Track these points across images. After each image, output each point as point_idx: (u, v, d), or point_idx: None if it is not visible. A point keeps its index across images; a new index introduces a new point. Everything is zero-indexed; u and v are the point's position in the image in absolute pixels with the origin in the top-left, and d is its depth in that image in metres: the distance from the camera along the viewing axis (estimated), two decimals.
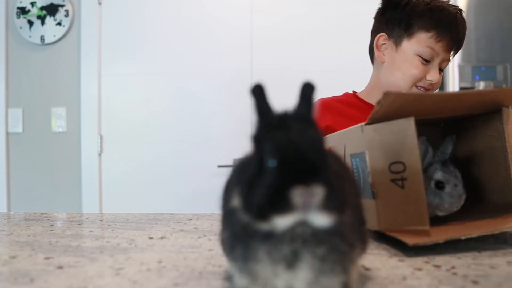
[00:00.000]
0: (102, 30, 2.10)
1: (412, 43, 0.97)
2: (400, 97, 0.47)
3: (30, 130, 2.11)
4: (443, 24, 0.94)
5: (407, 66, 0.97)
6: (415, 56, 0.97)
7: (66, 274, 0.45)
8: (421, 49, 0.96)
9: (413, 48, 0.97)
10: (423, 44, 0.96)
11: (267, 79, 1.79)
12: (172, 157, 2.06)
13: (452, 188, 0.57)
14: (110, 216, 0.80)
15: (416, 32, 0.96)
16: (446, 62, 1.00)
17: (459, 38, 0.98)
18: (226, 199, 0.35)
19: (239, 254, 0.32)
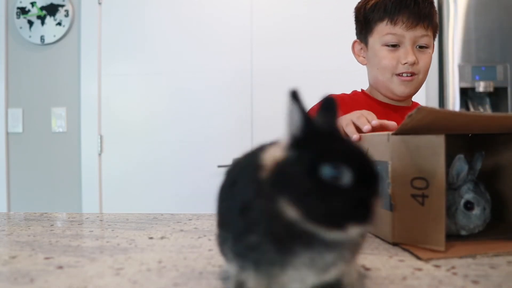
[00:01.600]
0: (102, 30, 2.10)
1: (374, 38, 0.98)
2: (433, 114, 0.46)
3: (30, 130, 2.11)
4: (392, 6, 0.93)
5: (377, 60, 0.98)
6: (381, 47, 0.96)
7: (66, 274, 0.45)
8: (383, 39, 0.96)
9: (377, 41, 0.97)
10: (383, 33, 0.95)
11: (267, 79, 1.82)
12: (172, 157, 2.06)
13: (481, 211, 0.56)
14: (110, 216, 0.80)
15: (373, 26, 0.97)
16: (423, 38, 0.95)
17: (421, 11, 0.93)
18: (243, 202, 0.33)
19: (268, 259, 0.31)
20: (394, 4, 0.93)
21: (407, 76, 0.96)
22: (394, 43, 0.95)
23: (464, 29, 1.90)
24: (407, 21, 0.92)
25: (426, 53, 0.96)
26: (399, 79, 0.96)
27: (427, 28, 0.94)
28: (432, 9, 0.96)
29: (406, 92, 0.98)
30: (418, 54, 0.95)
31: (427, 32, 0.94)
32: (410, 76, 0.96)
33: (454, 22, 1.91)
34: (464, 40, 1.90)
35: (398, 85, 0.97)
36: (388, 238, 0.55)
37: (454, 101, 1.90)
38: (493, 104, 1.94)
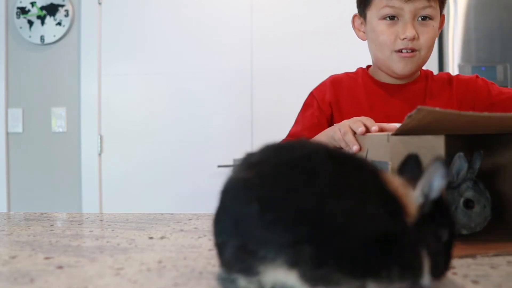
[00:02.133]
0: (102, 30, 2.10)
1: (372, 11, 0.90)
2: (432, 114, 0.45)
3: (30, 130, 2.11)
4: None
5: (375, 35, 0.90)
6: (379, 22, 0.88)
7: (66, 274, 0.45)
8: (381, 12, 0.87)
9: (374, 15, 0.89)
10: (380, 6, 0.87)
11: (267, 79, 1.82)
12: (172, 157, 2.06)
13: (481, 209, 0.56)
14: (110, 216, 0.80)
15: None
16: (426, 9, 0.85)
17: None
18: (381, 233, 0.33)
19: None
20: None
21: (407, 53, 0.87)
22: (392, 14, 0.86)
23: (464, 29, 1.90)
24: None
25: (429, 26, 0.87)
26: (398, 56, 0.88)
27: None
28: None
29: (407, 70, 0.89)
30: (419, 27, 0.86)
31: (430, 3, 0.85)
32: (411, 52, 0.87)
33: (454, 22, 1.91)
34: (464, 40, 1.90)
35: (397, 62, 0.88)
36: None
37: None
38: None
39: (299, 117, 1.00)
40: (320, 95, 0.97)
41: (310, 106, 0.98)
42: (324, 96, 0.96)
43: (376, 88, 0.96)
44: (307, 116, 0.97)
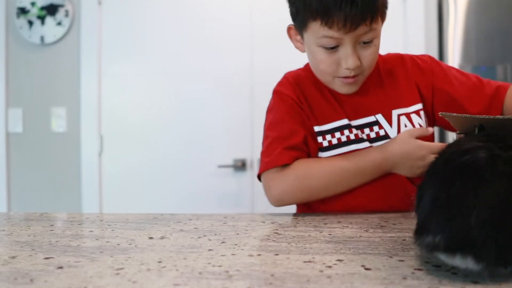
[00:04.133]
0: (102, 30, 2.10)
1: (309, 35, 0.81)
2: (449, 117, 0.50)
3: (30, 130, 2.11)
4: (325, 5, 0.75)
5: (314, 61, 0.85)
6: (318, 48, 0.81)
7: (66, 274, 0.45)
8: (319, 40, 0.80)
9: (312, 40, 0.81)
10: (317, 35, 0.79)
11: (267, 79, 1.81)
12: (172, 157, 2.06)
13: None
14: (110, 216, 0.80)
15: (307, 22, 0.80)
16: (367, 34, 0.78)
17: (362, 6, 0.74)
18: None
19: None
20: (328, 2, 0.74)
21: (349, 78, 0.83)
22: (332, 45, 0.79)
23: (464, 29, 1.90)
24: (344, 25, 0.75)
25: (371, 47, 0.81)
26: (341, 81, 0.84)
27: (371, 23, 0.77)
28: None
29: (352, 91, 0.86)
30: (361, 51, 0.80)
31: (371, 27, 0.77)
32: (353, 78, 0.83)
33: (454, 22, 1.91)
34: (464, 40, 1.90)
35: (341, 87, 0.85)
36: None
37: None
38: None
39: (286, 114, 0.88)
40: (291, 93, 0.89)
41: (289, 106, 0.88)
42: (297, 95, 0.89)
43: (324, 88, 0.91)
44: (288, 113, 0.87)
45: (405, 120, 0.88)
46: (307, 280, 0.43)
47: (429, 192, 0.45)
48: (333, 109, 0.88)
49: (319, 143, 0.87)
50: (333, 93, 0.90)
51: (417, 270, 0.45)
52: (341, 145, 0.86)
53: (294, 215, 0.82)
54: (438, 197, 0.43)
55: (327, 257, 0.51)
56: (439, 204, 0.43)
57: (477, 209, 0.39)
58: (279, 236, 0.63)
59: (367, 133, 0.87)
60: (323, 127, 0.87)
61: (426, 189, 0.46)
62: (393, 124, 0.87)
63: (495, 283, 0.41)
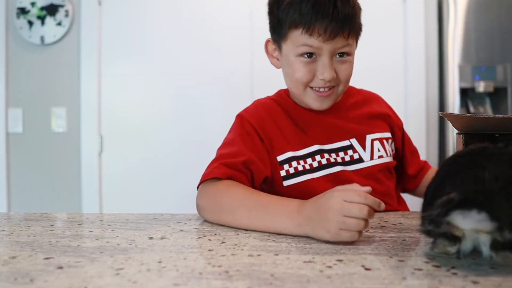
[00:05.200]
0: (102, 30, 2.10)
1: (288, 45, 0.85)
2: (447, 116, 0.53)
3: (30, 130, 2.11)
4: (308, 12, 0.80)
5: (291, 71, 0.86)
6: (296, 58, 0.84)
7: (66, 274, 0.45)
8: (298, 49, 0.83)
9: (290, 50, 0.85)
10: (297, 43, 0.83)
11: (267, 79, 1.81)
12: (172, 157, 2.06)
13: None
14: (110, 216, 0.80)
15: (287, 32, 0.84)
16: (344, 48, 0.83)
17: (342, 18, 0.79)
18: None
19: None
20: (311, 10, 0.79)
21: (324, 91, 0.85)
22: (310, 52, 0.83)
23: (464, 29, 1.90)
24: (324, 32, 0.79)
25: (346, 62, 0.85)
26: (315, 94, 0.86)
27: (348, 37, 0.82)
28: (354, 12, 0.83)
29: (324, 107, 0.88)
30: (337, 64, 0.84)
31: (348, 41, 0.82)
32: (328, 91, 0.85)
33: (454, 22, 1.91)
34: (464, 40, 1.90)
35: (313, 100, 0.87)
36: None
37: (454, 101, 1.90)
38: (493, 104, 1.94)
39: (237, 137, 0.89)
40: (254, 121, 0.89)
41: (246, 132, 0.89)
42: (260, 124, 0.89)
43: (307, 112, 0.92)
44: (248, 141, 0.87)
45: (378, 145, 0.92)
46: (307, 280, 0.43)
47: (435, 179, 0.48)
48: (304, 134, 0.89)
49: (286, 171, 0.86)
50: (304, 118, 0.90)
51: (417, 270, 0.45)
52: (312, 170, 0.86)
53: None
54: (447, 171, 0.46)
55: (327, 257, 0.51)
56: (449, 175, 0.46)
57: (489, 168, 0.42)
58: (279, 236, 0.63)
59: (341, 156, 0.88)
60: (294, 153, 0.86)
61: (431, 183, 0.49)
62: (366, 148, 0.90)
63: (495, 284, 0.41)
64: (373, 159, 0.89)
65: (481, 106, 1.93)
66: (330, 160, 0.87)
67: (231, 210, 0.72)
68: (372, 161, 0.89)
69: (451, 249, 0.46)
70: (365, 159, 0.89)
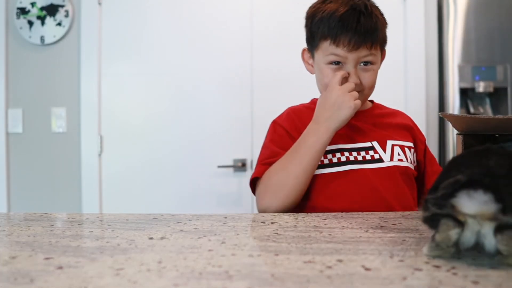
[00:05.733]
0: (102, 30, 2.10)
1: (319, 54, 0.97)
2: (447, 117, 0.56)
3: (30, 130, 2.11)
4: (335, 26, 0.92)
5: (321, 76, 0.97)
6: (325, 66, 0.95)
7: (66, 274, 0.45)
8: (327, 58, 0.95)
9: (321, 58, 0.96)
10: (326, 53, 0.94)
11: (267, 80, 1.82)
12: (172, 157, 2.06)
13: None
14: (110, 216, 0.80)
15: (318, 42, 0.96)
16: (367, 57, 0.93)
17: (364, 31, 0.91)
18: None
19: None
20: (338, 25, 0.91)
21: None
22: (337, 61, 0.94)
23: (464, 29, 1.90)
24: (348, 44, 0.91)
25: (370, 71, 0.95)
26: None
27: (371, 48, 0.92)
28: (378, 25, 0.93)
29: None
30: (361, 72, 0.94)
31: (371, 51, 0.93)
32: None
33: (454, 22, 1.91)
34: (464, 40, 1.90)
35: None
36: None
37: (454, 101, 1.90)
38: (493, 104, 1.94)
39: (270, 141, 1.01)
40: (286, 124, 1.02)
41: (279, 135, 1.01)
42: (291, 126, 1.01)
43: None
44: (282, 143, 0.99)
45: (398, 149, 0.98)
46: (307, 280, 0.43)
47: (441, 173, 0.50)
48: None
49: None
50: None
51: (417, 270, 0.45)
52: (330, 165, 0.94)
53: (294, 215, 0.82)
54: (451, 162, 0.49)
55: (327, 257, 0.51)
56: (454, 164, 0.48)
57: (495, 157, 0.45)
58: (279, 236, 0.63)
59: (362, 155, 0.95)
60: None
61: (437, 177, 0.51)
62: (387, 150, 0.97)
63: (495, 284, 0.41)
64: (392, 160, 0.95)
65: (481, 107, 1.93)
66: (349, 158, 0.95)
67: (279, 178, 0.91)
68: (391, 162, 0.95)
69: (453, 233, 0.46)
70: (385, 159, 0.95)
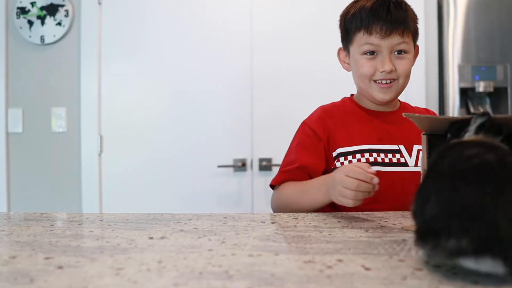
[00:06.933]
0: (102, 30, 2.10)
1: (354, 47, 1.01)
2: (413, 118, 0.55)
3: (30, 130, 2.11)
4: (367, 16, 0.97)
5: (357, 68, 1.01)
6: (360, 56, 1.00)
7: (66, 274, 0.45)
8: (362, 48, 0.99)
9: (356, 50, 1.01)
10: (360, 43, 0.99)
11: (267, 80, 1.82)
12: (172, 157, 2.06)
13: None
14: (110, 216, 0.80)
15: (352, 36, 1.01)
16: (401, 45, 0.98)
17: (394, 19, 0.96)
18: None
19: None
20: (369, 15, 0.97)
21: (385, 83, 0.99)
22: (372, 50, 0.98)
23: (464, 29, 1.90)
24: (381, 30, 0.95)
25: (404, 59, 0.99)
26: (378, 86, 1.00)
27: (403, 35, 0.97)
28: (407, 15, 0.99)
29: (386, 98, 1.00)
30: (396, 60, 0.98)
31: (404, 39, 0.97)
32: (389, 83, 0.99)
33: (454, 22, 1.91)
34: (464, 40, 1.90)
35: (377, 92, 1.00)
36: None
37: (454, 101, 1.90)
38: (493, 104, 1.94)
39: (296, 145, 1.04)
40: (314, 124, 1.04)
41: (306, 135, 1.04)
42: (320, 126, 1.03)
43: (366, 114, 1.05)
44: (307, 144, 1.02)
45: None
46: (307, 280, 0.43)
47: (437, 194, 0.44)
48: (358, 134, 1.01)
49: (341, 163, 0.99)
50: (362, 120, 1.04)
51: (417, 270, 0.45)
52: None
53: (294, 215, 0.82)
54: (453, 199, 0.42)
55: (327, 257, 0.51)
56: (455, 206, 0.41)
57: (502, 208, 0.39)
58: (279, 236, 0.63)
59: (389, 157, 0.98)
60: (346, 148, 1.00)
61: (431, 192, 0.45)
62: (412, 155, 1.00)
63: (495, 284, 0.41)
64: (417, 166, 0.98)
65: (481, 106, 1.93)
66: (377, 160, 0.98)
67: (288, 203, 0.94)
68: (416, 167, 0.98)
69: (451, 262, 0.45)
70: (410, 164, 0.98)
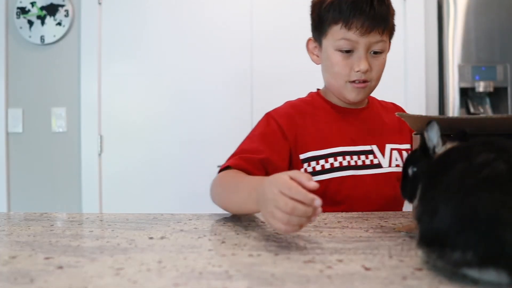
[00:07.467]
0: (102, 30, 2.10)
1: (328, 40, 0.93)
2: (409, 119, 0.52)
3: (30, 130, 2.11)
4: (348, 9, 0.88)
5: (329, 64, 0.94)
6: (335, 52, 0.92)
7: (66, 274, 0.45)
8: (337, 43, 0.91)
9: (330, 44, 0.93)
10: (336, 37, 0.91)
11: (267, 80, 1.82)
12: (172, 157, 2.06)
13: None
14: (110, 216, 0.80)
15: (327, 28, 0.92)
16: (378, 44, 0.91)
17: (377, 16, 0.88)
18: None
19: None
20: (350, 7, 0.88)
21: (359, 83, 0.93)
22: (348, 48, 0.91)
23: (464, 29, 1.90)
24: (361, 27, 0.88)
25: (379, 59, 0.93)
26: (352, 86, 0.93)
27: (382, 33, 0.90)
28: (389, 11, 0.92)
29: (358, 98, 0.95)
30: (371, 60, 0.92)
31: (382, 38, 0.91)
32: (363, 83, 0.93)
33: (454, 22, 1.91)
34: (464, 40, 1.90)
35: (351, 92, 0.94)
36: None
37: (454, 101, 1.90)
38: (493, 104, 1.94)
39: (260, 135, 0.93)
40: (282, 120, 0.94)
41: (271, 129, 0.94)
42: (287, 123, 0.94)
43: (336, 113, 1.00)
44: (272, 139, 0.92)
45: (396, 154, 0.98)
46: (307, 280, 0.43)
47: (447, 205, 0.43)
48: (329, 135, 0.95)
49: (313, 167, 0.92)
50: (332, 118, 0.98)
51: (417, 270, 0.45)
52: (331, 170, 0.92)
53: None
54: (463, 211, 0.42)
55: (327, 257, 0.51)
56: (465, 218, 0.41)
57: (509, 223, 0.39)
58: (279, 236, 0.63)
59: (362, 159, 0.94)
60: (318, 152, 0.93)
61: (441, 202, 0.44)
62: (385, 155, 0.97)
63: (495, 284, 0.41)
64: (391, 167, 0.96)
65: (481, 106, 1.93)
66: (350, 163, 0.93)
67: (220, 194, 0.83)
68: (390, 168, 0.96)
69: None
70: (383, 165, 0.95)
